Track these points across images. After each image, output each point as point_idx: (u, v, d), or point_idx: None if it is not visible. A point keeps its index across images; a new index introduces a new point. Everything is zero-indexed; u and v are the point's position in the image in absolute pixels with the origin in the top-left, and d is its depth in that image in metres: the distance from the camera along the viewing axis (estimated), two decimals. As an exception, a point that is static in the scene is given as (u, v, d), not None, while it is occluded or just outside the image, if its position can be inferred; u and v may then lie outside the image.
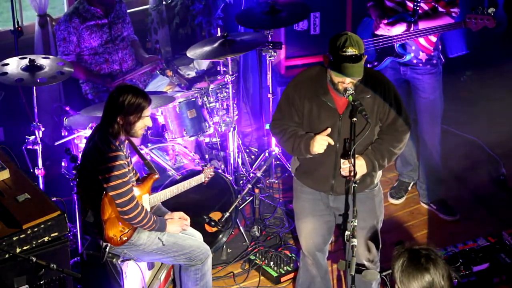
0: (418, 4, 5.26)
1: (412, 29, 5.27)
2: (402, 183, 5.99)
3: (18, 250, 3.86)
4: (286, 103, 4.27)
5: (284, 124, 4.29)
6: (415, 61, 5.41)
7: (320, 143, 4.13)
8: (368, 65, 5.38)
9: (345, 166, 4.17)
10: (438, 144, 5.66)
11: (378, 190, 4.45)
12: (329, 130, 4.15)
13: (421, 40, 5.34)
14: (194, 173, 4.96)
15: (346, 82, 4.03)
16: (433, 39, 5.36)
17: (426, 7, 5.29)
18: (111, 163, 4.23)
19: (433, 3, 5.28)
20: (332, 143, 4.16)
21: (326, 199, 4.40)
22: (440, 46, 5.48)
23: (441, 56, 5.49)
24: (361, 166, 4.18)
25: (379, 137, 4.27)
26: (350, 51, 3.95)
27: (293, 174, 4.50)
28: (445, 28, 5.27)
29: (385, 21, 5.30)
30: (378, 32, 5.37)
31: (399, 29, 5.29)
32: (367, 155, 4.21)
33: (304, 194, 4.45)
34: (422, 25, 5.27)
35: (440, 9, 5.28)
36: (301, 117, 4.27)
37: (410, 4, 5.29)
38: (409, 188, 6.00)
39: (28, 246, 3.89)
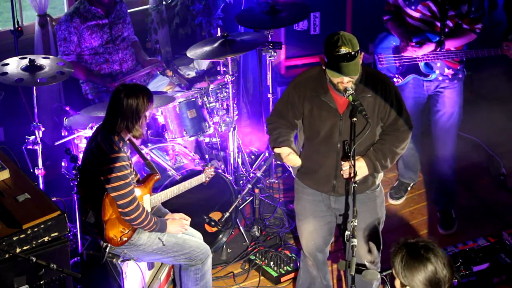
0: (445, 23, 5.13)
1: (439, 49, 5.15)
2: (402, 184, 5.97)
3: (18, 250, 3.85)
4: (283, 101, 4.28)
5: (275, 122, 4.32)
6: (440, 78, 5.31)
7: (286, 159, 4.20)
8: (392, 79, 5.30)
9: (345, 168, 4.17)
10: (452, 158, 5.57)
11: (380, 191, 4.44)
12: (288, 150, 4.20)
13: None
14: (194, 173, 4.96)
15: (345, 82, 4.03)
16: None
17: (450, 24, 5.18)
18: (113, 164, 4.22)
19: (456, 20, 5.16)
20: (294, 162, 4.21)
21: (327, 200, 4.39)
22: (464, 58, 5.32)
23: (465, 69, 5.38)
24: (361, 168, 4.17)
25: (381, 138, 4.26)
26: (344, 50, 3.95)
27: (294, 175, 4.50)
28: (479, 52, 5.16)
29: (413, 44, 5.15)
30: (406, 54, 5.23)
31: (426, 50, 5.17)
32: (368, 156, 4.21)
33: (305, 195, 4.45)
34: (448, 44, 5.16)
35: (465, 26, 5.17)
36: (299, 117, 4.27)
37: (437, 23, 5.16)
38: (409, 189, 5.99)
39: (28, 246, 3.89)
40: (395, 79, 5.35)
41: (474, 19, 5.17)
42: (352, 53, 3.95)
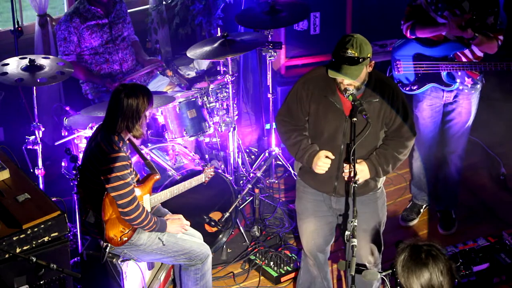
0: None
1: (472, 40, 5.05)
2: (415, 205, 5.81)
3: (18, 250, 3.86)
4: (294, 98, 4.26)
5: (289, 124, 4.30)
6: (461, 87, 5.24)
7: (321, 166, 4.18)
8: (406, 88, 5.25)
9: (347, 171, 4.17)
10: (460, 161, 5.54)
11: (381, 192, 4.44)
12: (329, 154, 4.19)
13: None
14: (194, 173, 4.96)
15: (345, 83, 4.03)
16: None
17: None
18: (113, 163, 4.22)
19: (479, 29, 5.05)
20: (328, 166, 4.19)
21: (328, 200, 4.39)
22: (488, 69, 5.21)
23: (483, 79, 5.30)
24: (363, 171, 4.18)
25: (384, 143, 4.26)
26: (350, 52, 3.96)
27: (294, 174, 4.50)
28: (504, 65, 5.08)
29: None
30: (453, 32, 5.06)
31: (467, 34, 5.01)
32: (370, 160, 4.21)
33: (306, 194, 4.45)
34: (479, 40, 5.03)
35: (490, 34, 5.07)
36: (306, 115, 4.27)
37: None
38: (422, 211, 5.81)
39: (28, 246, 3.89)
40: (413, 87, 5.27)
41: (499, 30, 5.09)
42: (357, 57, 3.95)
